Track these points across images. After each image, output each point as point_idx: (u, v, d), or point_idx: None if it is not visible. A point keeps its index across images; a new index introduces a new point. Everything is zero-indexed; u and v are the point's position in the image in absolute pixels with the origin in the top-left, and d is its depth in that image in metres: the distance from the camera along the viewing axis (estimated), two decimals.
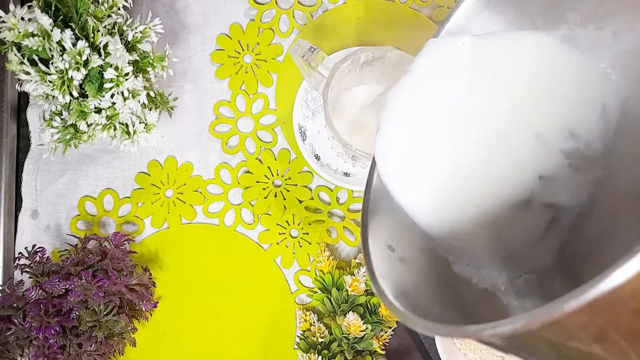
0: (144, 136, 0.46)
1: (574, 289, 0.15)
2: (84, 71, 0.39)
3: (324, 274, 0.50)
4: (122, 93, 0.42)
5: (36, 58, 0.39)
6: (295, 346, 0.50)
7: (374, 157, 0.29)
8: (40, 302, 0.43)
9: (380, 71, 0.43)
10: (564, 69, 0.26)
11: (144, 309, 0.48)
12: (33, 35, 0.38)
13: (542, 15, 0.28)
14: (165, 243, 0.51)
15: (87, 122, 0.42)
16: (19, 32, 0.38)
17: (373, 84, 0.46)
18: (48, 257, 0.47)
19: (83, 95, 0.41)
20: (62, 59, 0.38)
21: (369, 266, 0.25)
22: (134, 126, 0.45)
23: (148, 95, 0.45)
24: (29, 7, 0.39)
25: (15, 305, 0.44)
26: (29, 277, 0.46)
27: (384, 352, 0.48)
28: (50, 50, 0.39)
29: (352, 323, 0.46)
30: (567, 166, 0.26)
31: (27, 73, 0.39)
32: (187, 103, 0.53)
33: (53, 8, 0.39)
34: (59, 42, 0.38)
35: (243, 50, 0.53)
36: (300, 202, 0.52)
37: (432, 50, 0.28)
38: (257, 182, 0.52)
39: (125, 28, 0.42)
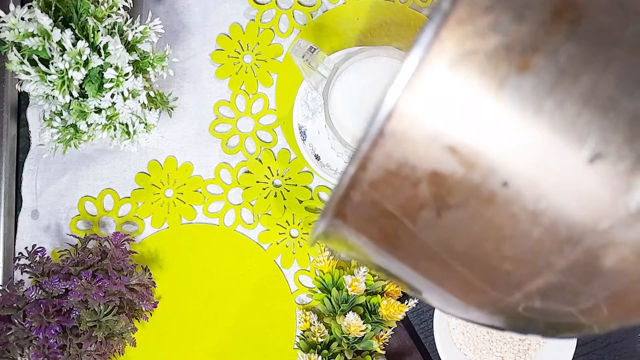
0: (144, 136, 0.46)
1: None
2: (84, 71, 0.39)
3: (324, 274, 0.50)
4: (122, 93, 0.42)
5: (36, 58, 0.39)
6: (295, 346, 0.50)
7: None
8: (40, 302, 0.43)
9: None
10: None
11: (144, 309, 0.48)
12: (33, 35, 0.38)
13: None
14: (165, 243, 0.51)
15: (87, 122, 0.42)
16: (19, 32, 0.38)
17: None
18: (48, 257, 0.47)
19: (83, 95, 0.41)
20: (62, 59, 0.38)
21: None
22: (134, 126, 0.45)
23: (148, 95, 0.45)
24: (29, 7, 0.39)
25: (15, 305, 0.44)
26: (29, 277, 0.46)
27: (383, 352, 0.48)
28: (50, 50, 0.39)
29: (352, 323, 0.46)
30: None
31: (27, 73, 0.39)
32: (187, 103, 0.53)
33: (53, 8, 0.39)
34: (59, 42, 0.38)
35: (243, 50, 0.53)
36: (300, 202, 0.52)
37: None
38: (257, 182, 0.52)
39: (125, 28, 0.42)
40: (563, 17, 0.15)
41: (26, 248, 0.47)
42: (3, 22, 0.38)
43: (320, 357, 0.47)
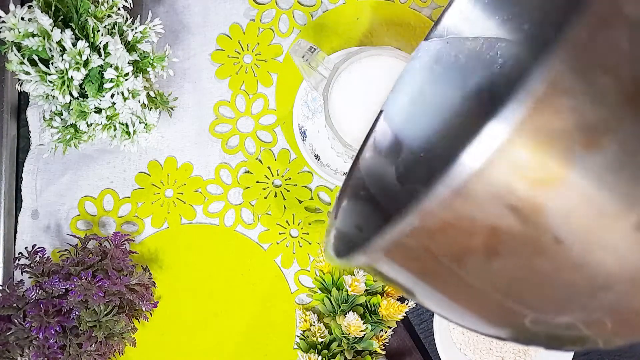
0: (144, 136, 0.46)
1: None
2: (84, 71, 0.39)
3: (324, 274, 0.50)
4: (122, 93, 0.42)
5: (36, 58, 0.39)
6: (295, 346, 0.50)
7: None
8: (40, 302, 0.43)
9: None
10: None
11: (144, 309, 0.48)
12: (33, 35, 0.38)
13: (529, 18, 0.30)
14: (166, 243, 0.51)
15: (87, 122, 0.42)
16: (19, 32, 0.38)
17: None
18: (48, 257, 0.47)
19: (83, 95, 0.41)
20: (62, 59, 0.38)
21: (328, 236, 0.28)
22: (134, 126, 0.45)
23: (148, 95, 0.45)
24: (29, 7, 0.39)
25: (15, 305, 0.44)
26: (29, 277, 0.46)
27: (383, 352, 0.48)
28: (50, 50, 0.39)
29: (352, 323, 0.46)
30: None
31: (27, 73, 0.39)
32: (187, 103, 0.53)
33: (53, 8, 0.39)
34: (59, 42, 0.38)
35: (243, 50, 0.53)
36: (300, 202, 0.52)
37: (419, 51, 0.31)
38: (257, 182, 0.52)
39: (125, 28, 0.42)
40: (635, 103, 0.16)
41: (26, 248, 0.47)
42: (3, 22, 0.38)
43: (320, 357, 0.47)
